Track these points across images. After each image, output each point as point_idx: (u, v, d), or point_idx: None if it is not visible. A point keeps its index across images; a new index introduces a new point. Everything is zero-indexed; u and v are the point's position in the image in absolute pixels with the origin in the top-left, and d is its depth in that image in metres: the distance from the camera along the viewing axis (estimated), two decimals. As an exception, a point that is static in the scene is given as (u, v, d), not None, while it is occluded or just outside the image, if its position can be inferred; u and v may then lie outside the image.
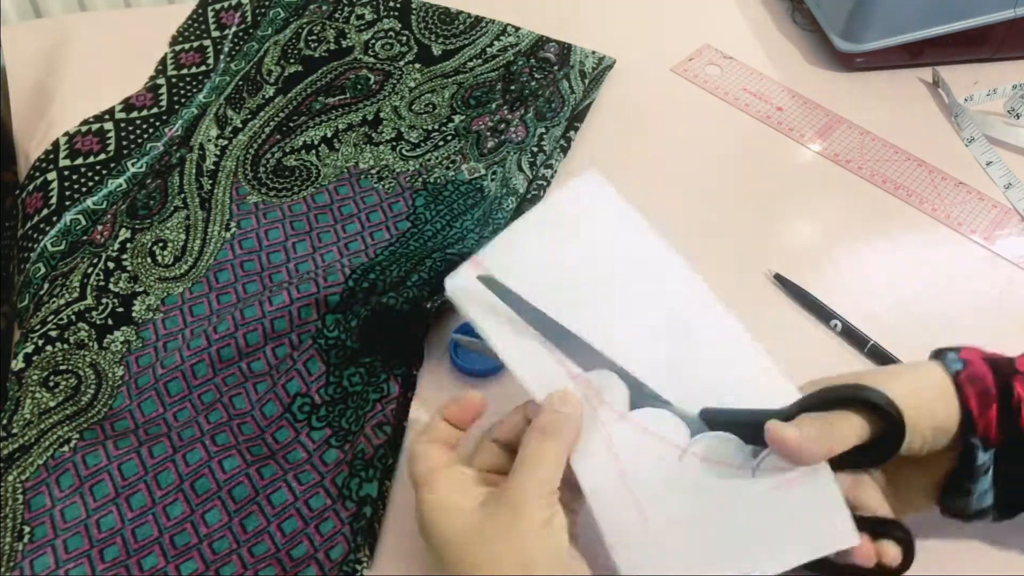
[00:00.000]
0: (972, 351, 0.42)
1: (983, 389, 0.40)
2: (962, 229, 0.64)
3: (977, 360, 0.41)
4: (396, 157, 0.65)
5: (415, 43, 0.74)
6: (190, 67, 0.71)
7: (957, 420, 0.40)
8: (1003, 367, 0.41)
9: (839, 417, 0.39)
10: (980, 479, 0.40)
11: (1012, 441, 0.40)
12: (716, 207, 0.65)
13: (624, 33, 0.78)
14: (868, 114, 0.72)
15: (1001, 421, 0.40)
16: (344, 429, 0.50)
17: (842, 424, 0.39)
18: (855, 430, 0.39)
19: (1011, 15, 0.72)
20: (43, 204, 0.60)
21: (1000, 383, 0.40)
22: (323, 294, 0.53)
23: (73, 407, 0.50)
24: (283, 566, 0.45)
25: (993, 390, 0.40)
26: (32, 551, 0.44)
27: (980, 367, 0.41)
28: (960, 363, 0.41)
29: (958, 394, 0.40)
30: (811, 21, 0.80)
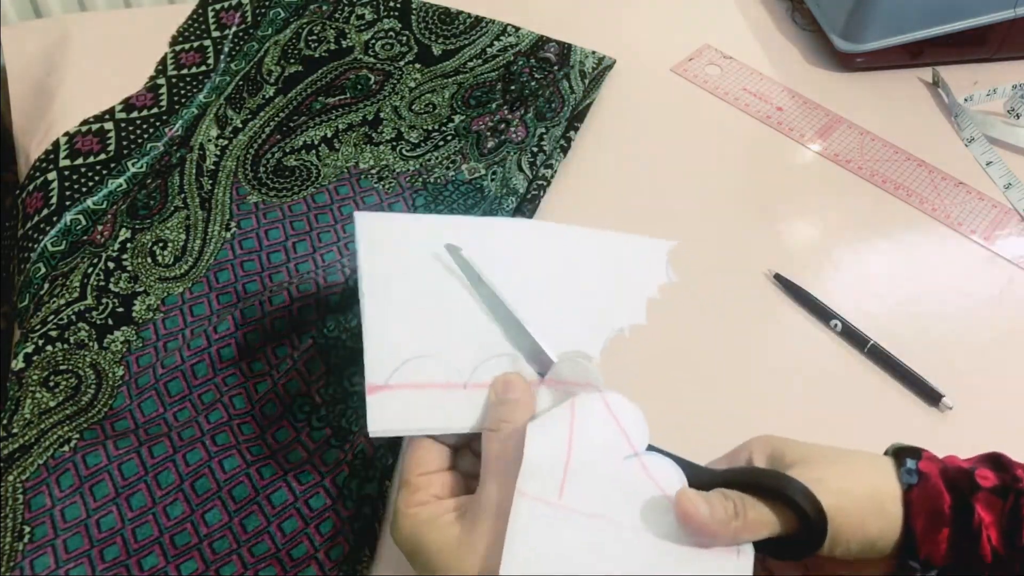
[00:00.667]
0: (932, 463, 0.39)
1: (935, 510, 0.37)
2: (962, 229, 0.64)
3: (934, 476, 0.38)
4: (396, 157, 0.65)
5: (415, 43, 0.74)
6: (190, 67, 0.71)
7: (895, 537, 0.37)
8: (963, 484, 0.38)
9: (755, 506, 0.37)
10: None
11: (963, 564, 0.37)
12: (716, 207, 0.65)
13: (624, 33, 0.78)
14: (868, 114, 0.72)
15: (954, 544, 0.37)
16: (344, 429, 0.50)
17: (756, 514, 0.36)
18: (768, 525, 0.36)
19: (1011, 15, 0.72)
20: (43, 204, 0.60)
21: (957, 504, 0.37)
22: (323, 294, 0.53)
23: (73, 407, 0.50)
24: (283, 566, 0.45)
25: (947, 513, 0.37)
26: (32, 551, 0.44)
27: (936, 485, 0.37)
28: (915, 476, 0.38)
29: (904, 512, 0.37)
30: (811, 21, 0.80)
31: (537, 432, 0.37)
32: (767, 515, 0.36)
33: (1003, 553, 0.36)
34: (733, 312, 0.58)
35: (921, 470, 0.38)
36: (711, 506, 0.36)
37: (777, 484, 0.36)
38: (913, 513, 0.37)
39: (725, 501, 0.36)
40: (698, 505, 0.36)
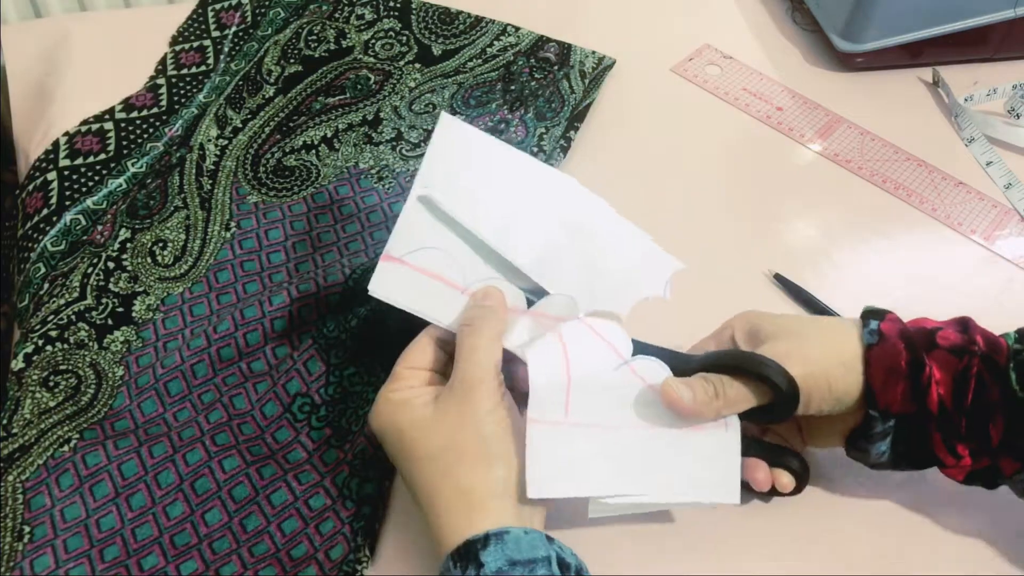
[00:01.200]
0: (893, 323, 0.43)
1: (892, 367, 0.41)
2: (962, 229, 0.64)
3: (893, 335, 0.42)
4: (396, 157, 0.65)
5: (415, 43, 0.74)
6: (190, 67, 0.71)
7: (859, 392, 0.42)
8: (919, 343, 0.42)
9: (733, 385, 0.42)
10: (878, 443, 0.43)
11: (916, 415, 0.41)
12: (716, 207, 0.65)
13: (624, 33, 0.78)
14: (868, 114, 0.72)
15: (907, 396, 0.41)
16: (344, 429, 0.50)
17: (735, 390, 0.42)
18: (746, 398, 0.42)
19: (1011, 15, 0.72)
20: (43, 204, 0.60)
21: (911, 360, 0.41)
22: (323, 294, 0.53)
23: (73, 407, 0.50)
24: (283, 566, 0.45)
25: (903, 367, 0.41)
26: (32, 551, 0.44)
27: (894, 343, 0.42)
28: (875, 336, 0.42)
29: (864, 369, 0.42)
30: (811, 21, 0.80)
31: (537, 362, 0.41)
32: (744, 391, 0.42)
33: (950, 409, 0.41)
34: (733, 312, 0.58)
35: (882, 330, 0.42)
36: (693, 390, 0.41)
37: (751, 363, 0.41)
38: (872, 369, 0.41)
39: (706, 384, 0.41)
40: (681, 391, 0.41)
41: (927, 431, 0.42)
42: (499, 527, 0.36)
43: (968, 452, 0.42)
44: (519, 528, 0.36)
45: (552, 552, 0.36)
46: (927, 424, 0.42)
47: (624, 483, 0.40)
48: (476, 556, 0.35)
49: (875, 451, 0.43)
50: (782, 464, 0.45)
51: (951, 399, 0.41)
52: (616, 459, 0.41)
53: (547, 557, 0.35)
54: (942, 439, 0.42)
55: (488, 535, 0.36)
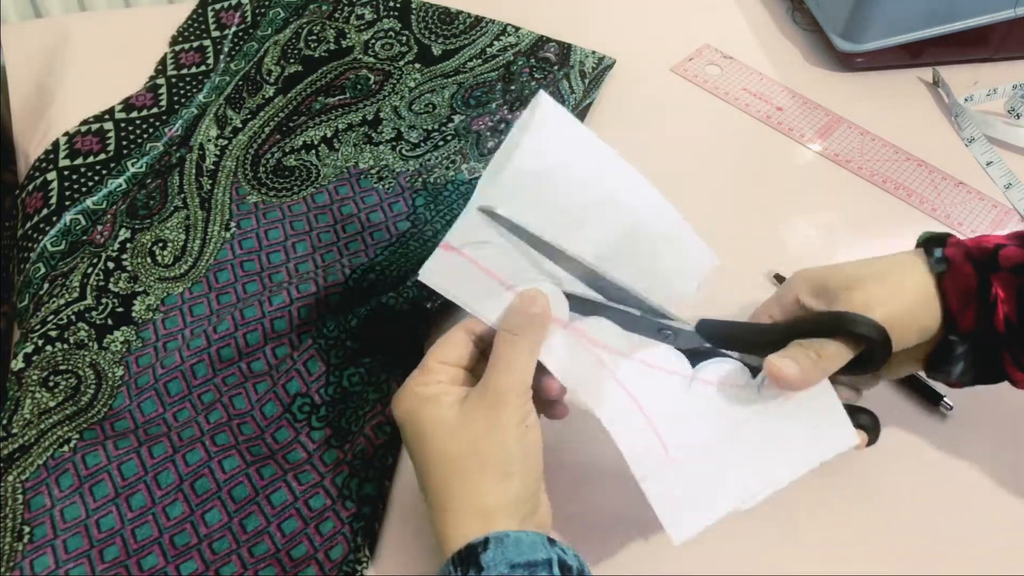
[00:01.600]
0: (957, 247, 0.44)
1: (965, 289, 0.43)
2: (962, 229, 0.64)
3: (960, 259, 0.43)
4: (396, 157, 0.65)
5: (415, 43, 0.74)
6: (190, 67, 0.71)
7: (940, 319, 0.43)
8: (984, 263, 0.43)
9: (828, 344, 0.42)
10: (958, 364, 0.44)
11: (986, 333, 0.43)
12: (716, 207, 0.65)
13: (624, 33, 0.78)
14: (868, 114, 0.72)
15: (978, 316, 0.42)
16: (344, 429, 0.50)
17: (832, 351, 0.42)
18: (844, 355, 0.42)
19: (1011, 15, 0.72)
20: (43, 204, 0.60)
21: (981, 281, 0.42)
22: (323, 294, 0.53)
23: (73, 407, 0.50)
24: (283, 566, 0.45)
25: (975, 289, 0.42)
26: (32, 551, 0.44)
27: (963, 267, 0.43)
28: (944, 263, 0.43)
29: (941, 298, 0.43)
30: (811, 21, 0.80)
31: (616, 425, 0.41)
32: (840, 349, 0.42)
33: (1016, 324, 0.42)
34: (733, 312, 0.58)
35: (948, 256, 0.43)
36: (796, 361, 0.41)
37: (841, 323, 0.42)
38: (948, 296, 0.43)
39: (806, 351, 0.42)
40: (787, 366, 0.41)
41: (997, 350, 0.43)
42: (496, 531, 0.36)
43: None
44: (519, 531, 0.36)
45: (553, 555, 0.36)
46: (996, 342, 0.43)
47: (753, 483, 0.41)
48: (476, 559, 0.35)
49: (956, 372, 0.45)
50: (855, 423, 0.45)
51: (1016, 316, 0.42)
52: (734, 465, 0.41)
53: (548, 560, 0.35)
54: (1011, 357, 0.43)
55: (488, 538, 0.35)
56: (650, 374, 0.42)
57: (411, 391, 0.40)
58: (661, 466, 0.40)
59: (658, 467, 0.40)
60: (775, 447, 0.42)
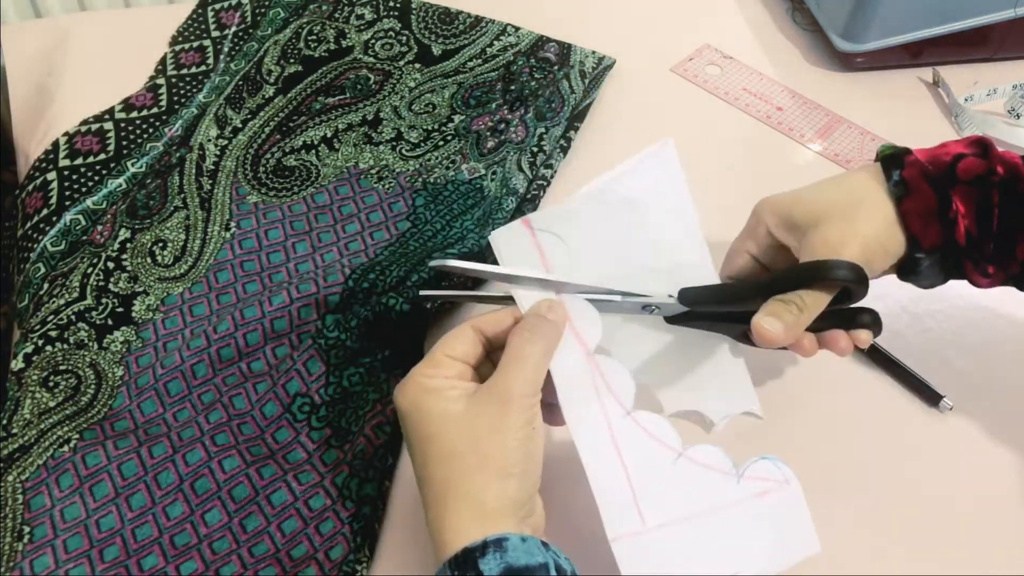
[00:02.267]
0: (913, 166, 0.45)
1: (924, 210, 0.44)
2: (962, 229, 0.64)
3: (917, 180, 0.44)
4: (396, 157, 0.65)
5: (415, 43, 0.74)
6: (190, 67, 0.71)
7: (905, 242, 0.44)
8: (943, 179, 0.44)
9: (807, 294, 0.43)
10: (925, 274, 0.46)
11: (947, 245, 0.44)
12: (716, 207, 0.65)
13: (624, 33, 0.78)
14: (868, 114, 0.72)
15: (940, 232, 0.44)
16: (344, 429, 0.50)
17: (813, 300, 0.43)
18: (823, 300, 0.43)
19: (1011, 15, 0.72)
20: (43, 204, 0.60)
21: (940, 199, 0.44)
22: (323, 294, 0.53)
23: (73, 407, 0.50)
24: (283, 566, 0.45)
25: (934, 208, 0.44)
26: (32, 551, 0.44)
27: (921, 188, 0.44)
28: (902, 186, 0.44)
29: (902, 221, 0.44)
30: (811, 21, 0.80)
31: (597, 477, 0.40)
32: (820, 295, 0.43)
33: (976, 236, 0.44)
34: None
35: (905, 179, 0.44)
36: (780, 319, 0.42)
37: (820, 272, 0.43)
38: (909, 220, 0.44)
39: (787, 306, 0.42)
40: (772, 325, 0.42)
41: (959, 257, 0.44)
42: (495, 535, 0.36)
43: (996, 271, 0.45)
44: (516, 535, 0.36)
45: (550, 559, 0.36)
46: (959, 254, 0.44)
47: (717, 566, 0.41)
48: (474, 563, 0.35)
49: (924, 281, 0.46)
50: (857, 323, 0.46)
51: (976, 228, 0.43)
52: (703, 545, 0.41)
53: (544, 564, 0.35)
54: (973, 265, 0.44)
55: (486, 542, 0.35)
56: (642, 438, 0.42)
57: (417, 382, 0.40)
58: (635, 533, 0.40)
59: (632, 533, 0.40)
60: (743, 541, 0.42)
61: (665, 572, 0.40)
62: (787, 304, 0.42)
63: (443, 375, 0.40)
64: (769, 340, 0.42)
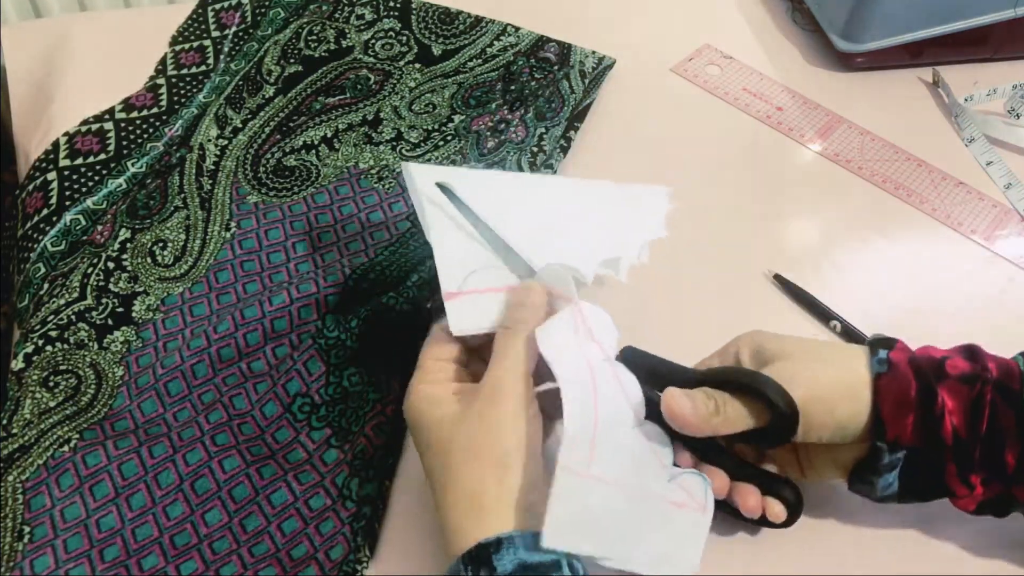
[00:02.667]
0: (902, 352, 0.42)
1: (902, 397, 0.40)
2: (962, 229, 0.64)
3: (903, 364, 0.41)
4: (396, 157, 0.65)
5: (415, 43, 0.74)
6: (190, 67, 0.71)
7: (864, 421, 0.41)
8: (929, 372, 0.41)
9: (733, 402, 0.41)
10: (884, 475, 0.42)
11: (928, 446, 0.41)
12: (716, 207, 0.65)
13: (624, 33, 0.78)
14: (868, 114, 0.72)
15: (918, 427, 0.40)
16: (344, 429, 0.50)
17: (734, 410, 0.41)
18: (745, 418, 0.41)
19: (1011, 15, 0.72)
20: (43, 204, 0.60)
21: (922, 390, 0.41)
22: (323, 294, 0.53)
23: (73, 407, 0.50)
24: (283, 566, 0.45)
25: (913, 397, 0.40)
26: (32, 551, 0.44)
27: (904, 372, 0.41)
28: (885, 366, 0.41)
29: (873, 398, 0.41)
30: (811, 21, 0.80)
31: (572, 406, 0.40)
32: (743, 412, 0.41)
33: (964, 437, 0.40)
34: (733, 312, 0.58)
35: (891, 359, 0.42)
36: (694, 402, 0.41)
37: (753, 382, 0.41)
38: (881, 399, 0.40)
39: (707, 399, 0.41)
40: (683, 403, 0.40)
41: (940, 463, 0.41)
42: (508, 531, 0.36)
43: (980, 481, 0.41)
44: (528, 532, 0.36)
45: (561, 556, 0.36)
46: (941, 455, 0.41)
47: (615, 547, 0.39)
48: (488, 559, 0.35)
49: (882, 484, 0.42)
50: (775, 493, 0.44)
51: (965, 428, 0.40)
52: (616, 520, 0.40)
53: (557, 561, 0.35)
54: (956, 470, 0.41)
55: (500, 539, 0.35)
56: (615, 389, 0.42)
57: (416, 392, 0.41)
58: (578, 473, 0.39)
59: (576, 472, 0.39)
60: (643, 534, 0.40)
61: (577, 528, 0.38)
62: (709, 397, 0.41)
63: (436, 380, 0.41)
64: (673, 414, 0.41)
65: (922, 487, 0.42)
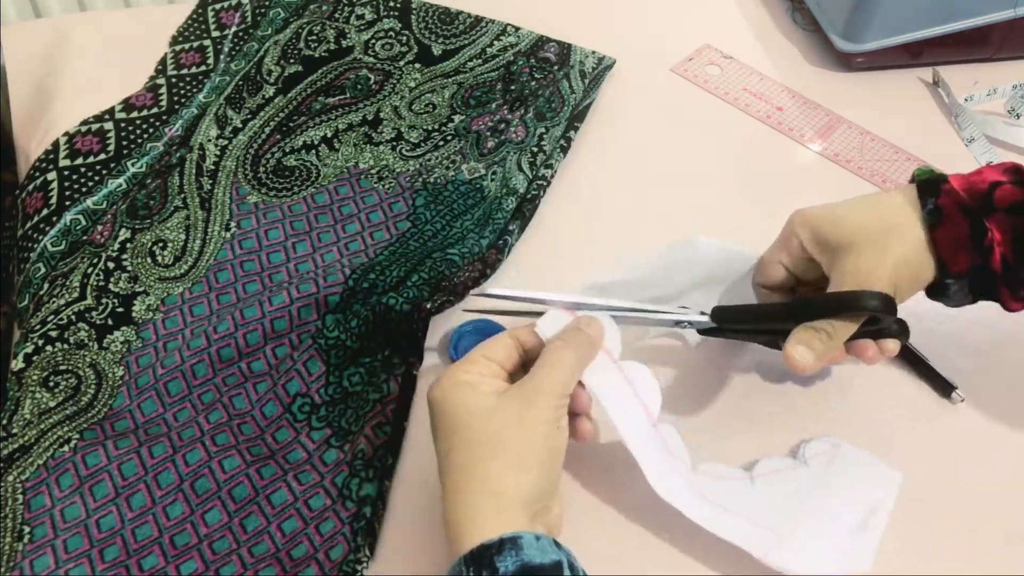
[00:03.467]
0: (949, 195, 0.45)
1: (956, 238, 0.44)
2: (962, 229, 0.64)
3: (952, 209, 0.44)
4: (396, 157, 0.65)
5: (415, 43, 0.74)
6: (190, 67, 0.71)
7: (935, 269, 0.45)
8: (978, 209, 0.44)
9: (836, 323, 0.44)
10: (954, 297, 0.47)
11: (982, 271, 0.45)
12: (716, 207, 0.65)
13: (624, 33, 0.78)
14: (868, 114, 0.72)
15: (973, 258, 0.44)
16: (344, 429, 0.50)
17: (841, 329, 0.44)
18: (852, 328, 0.44)
19: (1011, 15, 0.72)
20: (43, 204, 0.60)
21: (972, 229, 0.44)
22: (323, 294, 0.53)
23: (73, 407, 0.50)
24: (283, 566, 0.45)
25: (966, 236, 0.44)
26: (32, 551, 0.44)
27: (955, 217, 0.44)
28: (937, 214, 0.45)
29: (933, 247, 0.45)
30: (811, 21, 0.80)
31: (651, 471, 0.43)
32: (847, 325, 0.44)
33: (1012, 264, 0.44)
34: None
35: (941, 207, 0.45)
36: (811, 347, 0.44)
37: (852, 302, 0.43)
38: (939, 246, 0.44)
39: (817, 334, 0.44)
40: (803, 354, 0.44)
41: (995, 286, 0.45)
42: (513, 531, 0.36)
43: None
44: (531, 533, 0.36)
45: (563, 557, 0.36)
46: (994, 280, 0.45)
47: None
48: (490, 561, 0.35)
49: (954, 301, 0.47)
50: (885, 332, 0.47)
51: (1013, 255, 0.44)
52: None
53: (559, 562, 0.36)
54: (1009, 291, 0.45)
55: (503, 540, 0.35)
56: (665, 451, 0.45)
57: (451, 375, 0.41)
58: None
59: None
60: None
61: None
62: (817, 332, 0.44)
63: (478, 371, 0.41)
64: (800, 369, 0.43)
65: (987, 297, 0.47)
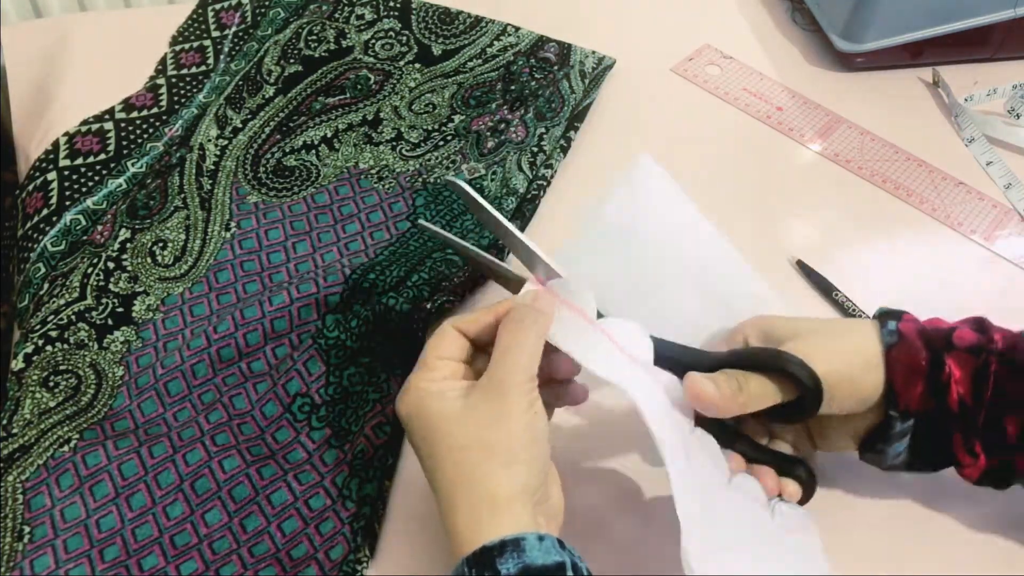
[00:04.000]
0: (910, 323, 0.44)
1: (912, 366, 0.42)
2: (962, 229, 0.64)
3: (912, 335, 0.43)
4: (396, 157, 0.65)
5: (415, 43, 0.74)
6: (190, 67, 0.71)
7: (880, 392, 0.42)
8: (938, 342, 0.43)
9: (754, 378, 0.42)
10: (895, 443, 0.43)
11: (935, 414, 0.42)
12: (715, 208, 0.65)
13: (624, 33, 0.78)
14: (868, 114, 0.72)
15: (927, 395, 0.42)
16: (344, 429, 0.50)
17: (758, 386, 0.42)
18: (770, 394, 0.42)
19: (1011, 15, 0.72)
20: (43, 204, 0.60)
21: (931, 360, 0.42)
22: (323, 294, 0.53)
23: (73, 407, 0.50)
24: (283, 566, 0.45)
25: (923, 366, 0.42)
26: (32, 551, 0.44)
27: (914, 342, 0.43)
28: (895, 336, 0.43)
29: (885, 369, 0.42)
30: (811, 21, 0.80)
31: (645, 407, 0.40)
32: (767, 387, 0.42)
33: (969, 406, 0.42)
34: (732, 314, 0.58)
35: (901, 330, 0.43)
36: (717, 385, 0.41)
37: (775, 360, 0.42)
38: (893, 369, 0.42)
39: (729, 379, 0.42)
40: (705, 385, 0.41)
41: (947, 430, 0.42)
42: (515, 533, 0.36)
43: (983, 449, 0.42)
44: (533, 534, 0.36)
45: (566, 558, 0.36)
46: (947, 423, 0.42)
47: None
48: (492, 563, 0.35)
49: (892, 452, 0.43)
50: (790, 473, 0.45)
51: (971, 397, 0.42)
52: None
53: (562, 563, 0.35)
54: (962, 439, 0.42)
55: (504, 542, 0.35)
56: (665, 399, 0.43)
57: (415, 388, 0.40)
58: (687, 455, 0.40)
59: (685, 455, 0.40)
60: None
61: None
62: (730, 377, 0.42)
63: (441, 377, 0.41)
64: (697, 396, 0.41)
65: (930, 455, 0.44)
